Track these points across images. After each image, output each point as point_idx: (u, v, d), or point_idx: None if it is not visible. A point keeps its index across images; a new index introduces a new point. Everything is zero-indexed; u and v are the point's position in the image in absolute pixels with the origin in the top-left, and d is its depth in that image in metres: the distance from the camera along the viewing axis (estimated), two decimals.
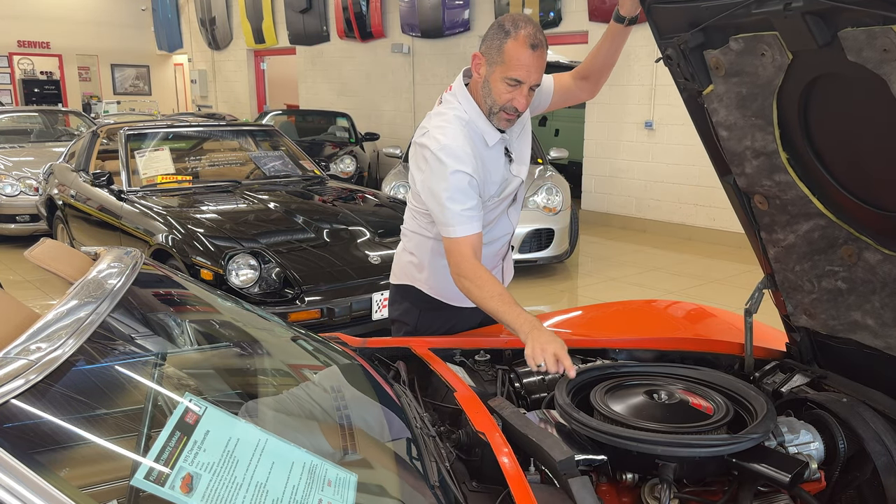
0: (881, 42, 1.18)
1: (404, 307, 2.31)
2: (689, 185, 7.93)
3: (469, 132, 2.02)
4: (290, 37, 13.22)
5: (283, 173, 5.75)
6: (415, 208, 2.22)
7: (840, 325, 1.77)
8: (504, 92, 1.97)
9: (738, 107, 1.56)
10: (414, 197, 2.19)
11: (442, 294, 2.23)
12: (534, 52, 1.92)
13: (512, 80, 1.95)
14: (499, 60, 1.95)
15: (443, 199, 1.97)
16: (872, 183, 1.47)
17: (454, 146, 1.97)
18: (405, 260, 2.29)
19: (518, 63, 1.93)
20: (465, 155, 1.97)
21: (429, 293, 2.24)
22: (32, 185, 7.26)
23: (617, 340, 2.09)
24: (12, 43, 16.49)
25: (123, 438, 1.16)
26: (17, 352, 1.04)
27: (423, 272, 2.24)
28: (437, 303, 2.25)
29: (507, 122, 2.05)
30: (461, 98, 2.06)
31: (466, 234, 1.97)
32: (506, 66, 1.94)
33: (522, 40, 1.91)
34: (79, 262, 1.55)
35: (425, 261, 2.22)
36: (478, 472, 1.49)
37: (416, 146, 2.09)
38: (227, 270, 3.89)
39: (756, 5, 1.33)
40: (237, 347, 1.70)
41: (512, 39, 1.92)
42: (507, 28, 1.94)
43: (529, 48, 1.91)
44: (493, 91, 1.99)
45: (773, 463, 1.45)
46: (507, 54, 1.93)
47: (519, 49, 1.91)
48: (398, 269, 2.34)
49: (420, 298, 2.26)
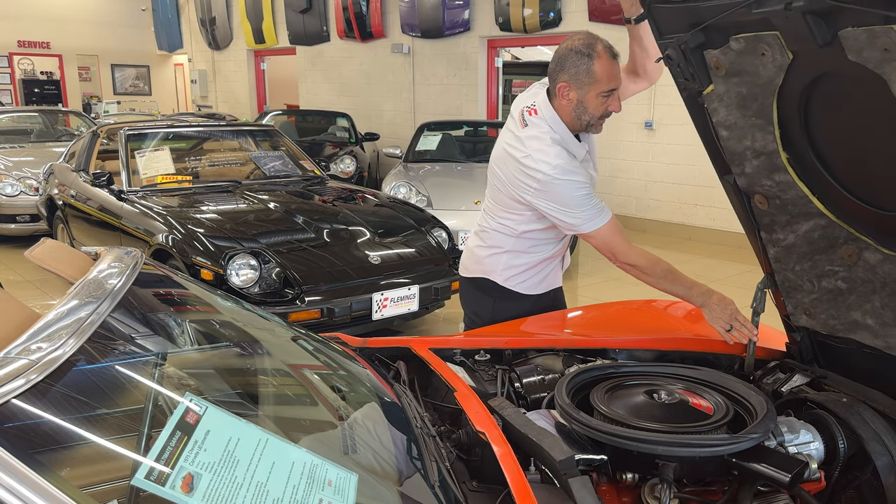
0: (882, 42, 1.17)
1: (478, 298, 2.52)
2: (689, 185, 7.93)
3: (567, 150, 2.23)
4: (290, 37, 13.22)
5: (283, 173, 5.75)
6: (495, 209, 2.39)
7: (840, 324, 1.77)
8: (601, 105, 2.19)
9: (739, 107, 1.56)
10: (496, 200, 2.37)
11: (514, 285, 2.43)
12: (615, 61, 2.16)
13: (607, 92, 2.16)
14: (590, 81, 2.15)
15: (573, 206, 2.17)
16: (873, 183, 1.47)
17: (565, 165, 2.16)
18: (482, 255, 2.47)
19: (610, 77, 2.14)
20: (575, 168, 2.19)
21: (503, 284, 2.43)
22: (32, 185, 7.26)
23: (617, 340, 2.10)
24: (12, 43, 16.48)
25: (124, 438, 1.16)
26: (17, 352, 1.04)
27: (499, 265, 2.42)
28: (511, 293, 2.44)
29: (601, 126, 2.27)
30: (551, 122, 2.23)
31: (606, 220, 2.19)
32: (599, 84, 2.14)
33: (605, 56, 2.13)
34: (79, 262, 1.55)
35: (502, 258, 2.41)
36: (478, 472, 1.49)
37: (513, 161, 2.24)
38: (227, 270, 3.89)
39: (756, 5, 1.33)
40: (237, 347, 1.70)
41: (597, 59, 2.12)
42: (586, 52, 2.13)
43: (613, 59, 2.14)
44: (589, 108, 2.19)
45: (773, 463, 1.45)
46: (598, 73, 2.13)
47: (606, 65, 2.13)
48: (472, 264, 2.52)
49: (493, 289, 2.44)
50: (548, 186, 2.16)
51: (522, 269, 2.43)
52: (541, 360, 1.98)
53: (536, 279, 2.47)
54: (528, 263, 2.42)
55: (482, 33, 9.89)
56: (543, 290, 2.51)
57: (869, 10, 1.17)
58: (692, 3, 1.46)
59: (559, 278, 2.58)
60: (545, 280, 2.50)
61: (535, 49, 12.36)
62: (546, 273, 2.48)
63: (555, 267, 2.52)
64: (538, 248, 2.40)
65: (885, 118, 1.30)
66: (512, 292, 2.45)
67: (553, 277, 2.53)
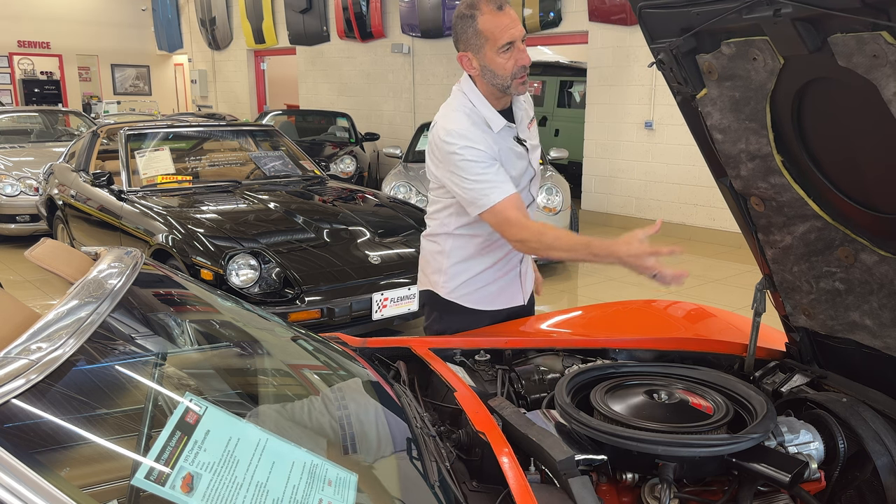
0: (871, 48, 1.18)
1: (426, 312, 2.37)
2: (689, 185, 7.93)
3: (474, 118, 2.08)
4: (290, 37, 13.22)
5: (283, 173, 5.75)
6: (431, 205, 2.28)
7: (839, 325, 1.77)
8: (506, 60, 2.02)
9: (732, 110, 1.56)
10: (432, 193, 2.25)
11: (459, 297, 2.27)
12: (504, 11, 1.98)
13: (506, 45, 1.99)
14: (482, 41, 2.01)
15: (467, 176, 2.02)
16: (867, 185, 1.48)
17: (459, 129, 2.04)
18: (423, 262, 2.36)
19: (501, 28, 1.98)
20: (473, 134, 2.04)
21: (447, 297, 2.27)
22: (32, 185, 7.27)
23: (617, 340, 2.09)
24: (12, 43, 16.49)
25: (124, 438, 1.16)
26: (17, 352, 1.04)
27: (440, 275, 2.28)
28: (455, 306, 2.27)
29: (522, 84, 2.09)
30: (467, 90, 2.13)
31: (501, 197, 2.01)
32: (494, 39, 1.99)
33: (488, 9, 1.97)
34: (79, 262, 1.55)
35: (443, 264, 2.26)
36: (478, 472, 1.49)
37: (428, 144, 2.16)
38: (227, 270, 3.89)
39: (746, 11, 1.33)
40: (237, 347, 1.70)
41: (482, 14, 1.98)
42: (468, 13, 2.00)
43: (498, 10, 1.98)
44: (496, 70, 2.04)
45: (773, 463, 1.45)
46: (488, 28, 1.98)
47: (493, 18, 1.97)
48: (420, 274, 2.40)
49: (437, 302, 2.30)
50: (446, 155, 2.05)
51: (466, 279, 2.24)
52: (541, 360, 1.98)
53: (486, 292, 2.27)
54: (471, 271, 2.23)
55: None
56: (500, 306, 2.31)
57: (857, 17, 1.17)
58: (682, 9, 1.46)
59: (520, 295, 2.37)
60: (501, 295, 2.31)
61: (535, 49, 12.38)
62: (500, 287, 2.29)
63: (511, 281, 2.32)
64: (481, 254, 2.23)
65: (877, 123, 1.30)
66: (456, 305, 2.26)
67: (511, 293, 2.33)
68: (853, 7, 1.16)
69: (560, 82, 11.29)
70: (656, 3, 1.50)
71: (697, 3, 1.42)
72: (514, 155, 2.16)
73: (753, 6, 1.31)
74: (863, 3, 1.15)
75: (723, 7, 1.37)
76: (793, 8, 1.24)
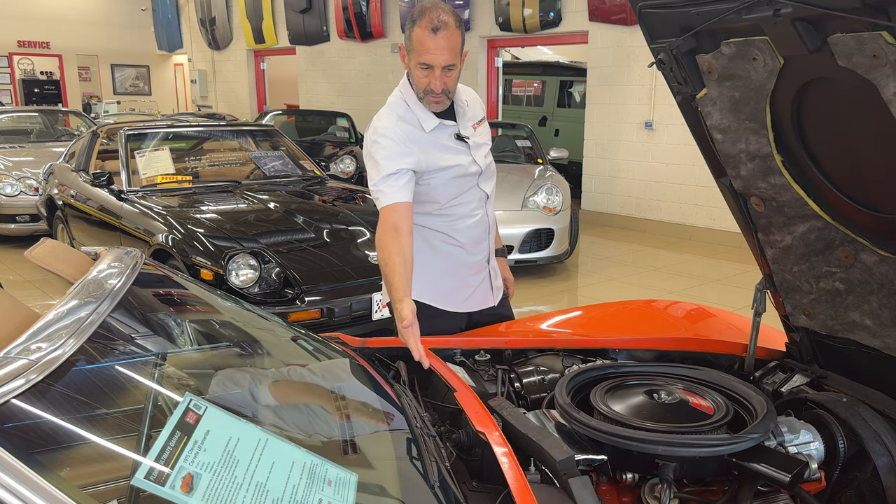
0: (870, 48, 1.18)
1: None
2: (688, 185, 7.93)
3: (407, 117, 2.12)
4: (290, 37, 13.22)
5: (283, 173, 5.75)
6: None
7: (839, 325, 1.77)
8: (422, 77, 2.04)
9: (732, 110, 1.56)
10: None
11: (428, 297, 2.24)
12: (436, 36, 1.96)
13: (423, 64, 2.01)
14: (411, 48, 2.03)
15: (374, 171, 2.06)
16: (866, 185, 1.48)
17: (383, 126, 2.08)
18: None
19: (423, 48, 1.99)
20: (394, 133, 2.07)
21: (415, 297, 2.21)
22: (32, 185, 7.26)
23: (617, 340, 2.09)
24: (12, 43, 16.48)
25: (124, 438, 1.16)
26: (17, 351, 1.04)
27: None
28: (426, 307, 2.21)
29: (435, 104, 2.10)
30: (402, 87, 2.16)
31: (386, 203, 2.03)
32: (416, 53, 2.01)
33: (424, 25, 1.96)
34: (79, 262, 1.55)
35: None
36: (478, 472, 1.49)
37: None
38: (227, 270, 3.89)
39: (746, 11, 1.33)
40: (237, 347, 1.70)
41: (417, 27, 1.98)
42: (414, 16, 2.00)
43: (431, 32, 1.96)
44: (414, 77, 2.07)
45: (773, 463, 1.45)
46: (415, 41, 2.00)
47: (422, 35, 1.97)
48: None
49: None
50: (368, 146, 2.11)
51: (430, 277, 2.22)
52: (541, 360, 1.98)
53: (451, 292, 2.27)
54: (434, 267, 2.22)
55: (482, 33, 9.90)
56: (470, 308, 2.32)
57: (856, 17, 1.17)
58: (682, 9, 1.47)
59: (490, 297, 2.37)
60: (471, 298, 2.31)
61: (535, 49, 12.38)
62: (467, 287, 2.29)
63: (480, 281, 2.32)
64: (442, 248, 2.23)
65: (877, 122, 1.31)
66: (426, 307, 2.21)
67: (481, 294, 2.33)
68: (853, 7, 1.16)
69: (560, 82, 11.28)
70: (656, 3, 1.50)
71: (697, 3, 1.42)
72: (449, 150, 2.16)
73: (753, 6, 1.31)
74: (863, 3, 1.15)
75: (723, 7, 1.37)
76: (793, 8, 1.24)
